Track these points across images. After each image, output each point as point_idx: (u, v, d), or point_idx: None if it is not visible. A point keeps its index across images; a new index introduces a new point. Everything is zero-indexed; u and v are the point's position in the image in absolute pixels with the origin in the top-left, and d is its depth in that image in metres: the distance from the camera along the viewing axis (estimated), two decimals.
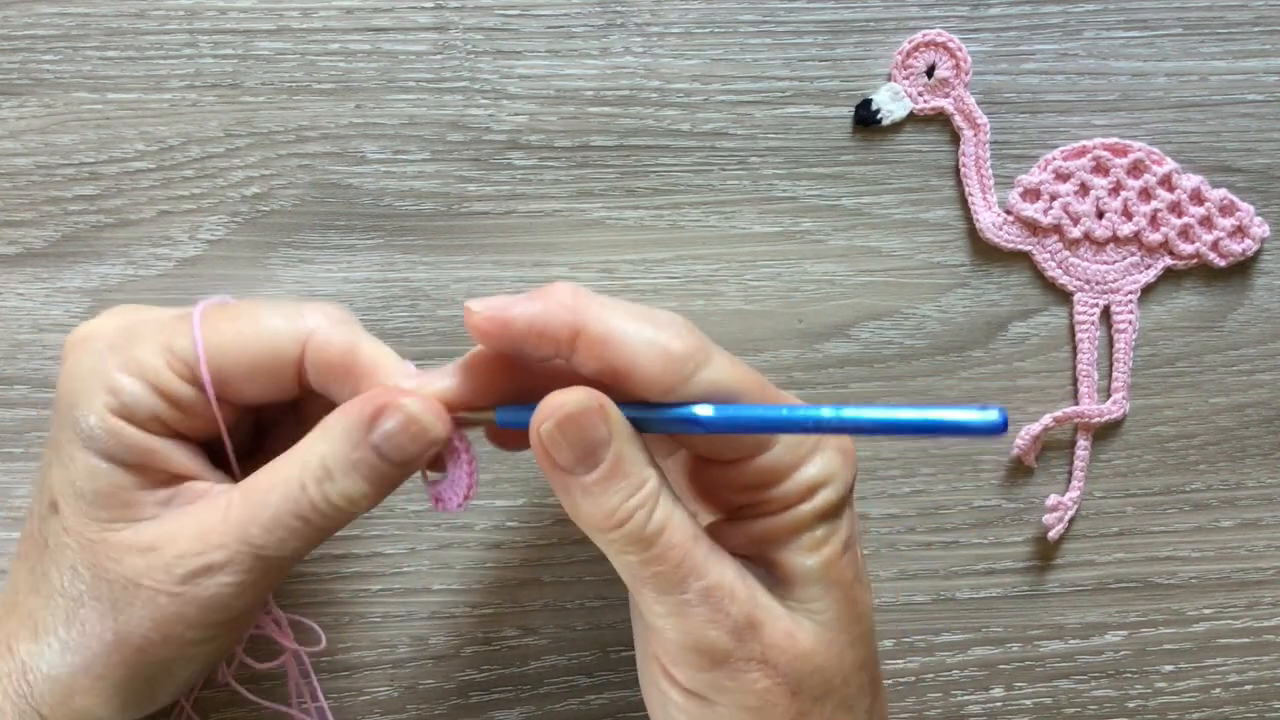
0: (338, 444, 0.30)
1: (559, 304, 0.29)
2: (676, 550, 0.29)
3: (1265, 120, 0.43)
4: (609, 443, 0.29)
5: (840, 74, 0.42)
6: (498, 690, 0.43)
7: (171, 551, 0.30)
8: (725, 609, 0.30)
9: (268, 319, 0.31)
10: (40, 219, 0.41)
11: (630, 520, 0.29)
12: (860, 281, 0.43)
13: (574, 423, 0.29)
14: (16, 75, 0.40)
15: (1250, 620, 0.45)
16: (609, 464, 0.29)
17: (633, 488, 0.29)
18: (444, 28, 0.41)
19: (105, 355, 0.31)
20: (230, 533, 0.30)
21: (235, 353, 0.31)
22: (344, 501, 0.31)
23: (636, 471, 0.29)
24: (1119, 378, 0.43)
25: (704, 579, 0.30)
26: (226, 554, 0.30)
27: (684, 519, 0.30)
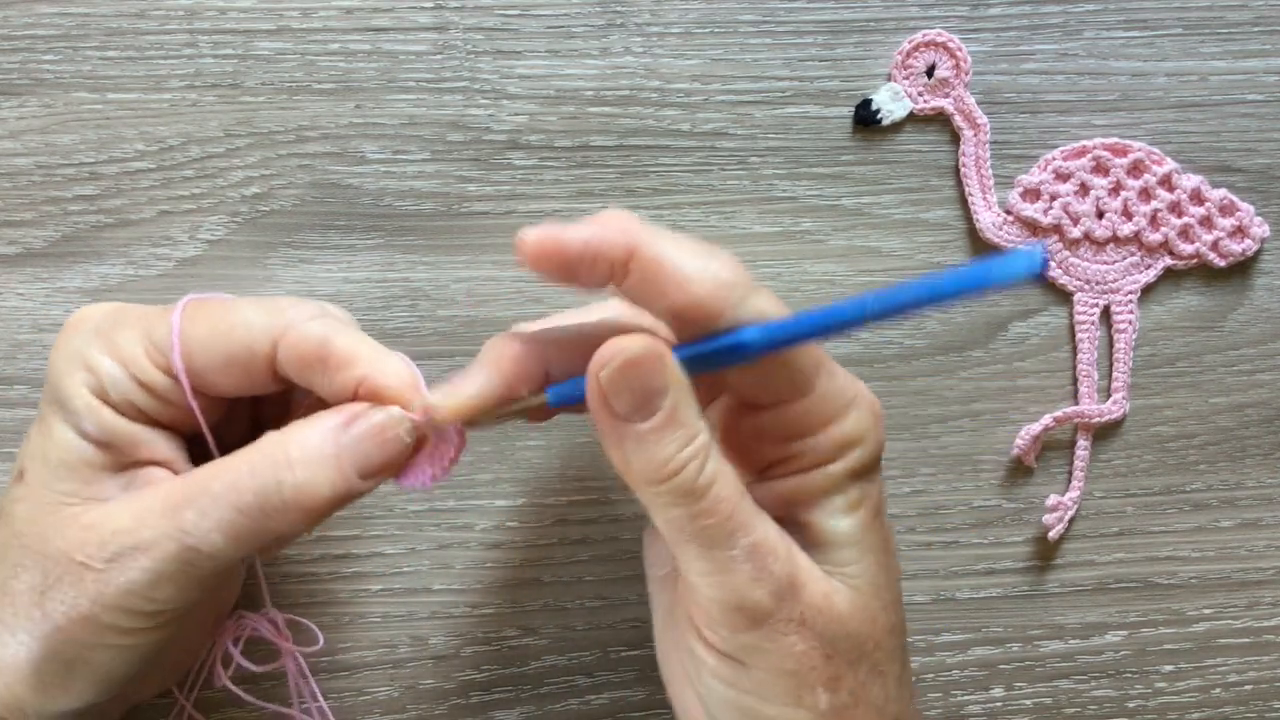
0: (305, 436, 0.30)
1: (613, 228, 0.29)
2: (726, 504, 0.29)
3: (1265, 120, 0.43)
4: (666, 390, 0.29)
5: (840, 74, 0.42)
6: (498, 690, 0.43)
7: (108, 528, 0.30)
8: (770, 567, 0.29)
9: (243, 312, 0.32)
10: (40, 219, 0.41)
11: (683, 471, 0.29)
12: (860, 281, 0.43)
13: (635, 368, 0.28)
14: (16, 75, 0.40)
15: (1250, 620, 0.45)
16: (666, 412, 0.29)
17: (687, 438, 0.29)
18: (444, 28, 0.41)
19: (90, 337, 0.32)
20: (164, 517, 0.30)
21: (209, 344, 0.31)
22: (298, 496, 0.30)
23: (691, 422, 0.29)
24: (1119, 378, 0.43)
25: (751, 535, 0.29)
26: (152, 536, 0.30)
27: (731, 474, 0.30)
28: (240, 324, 0.31)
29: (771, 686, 0.30)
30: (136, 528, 0.30)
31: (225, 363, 0.31)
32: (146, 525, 0.30)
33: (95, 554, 0.30)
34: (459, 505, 0.42)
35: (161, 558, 0.30)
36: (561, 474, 0.42)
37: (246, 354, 0.31)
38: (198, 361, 0.31)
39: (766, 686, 0.30)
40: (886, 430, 0.43)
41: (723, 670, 0.31)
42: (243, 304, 0.32)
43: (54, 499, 0.31)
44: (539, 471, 0.42)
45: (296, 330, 0.31)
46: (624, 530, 0.43)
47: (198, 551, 0.30)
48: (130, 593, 0.30)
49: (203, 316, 0.32)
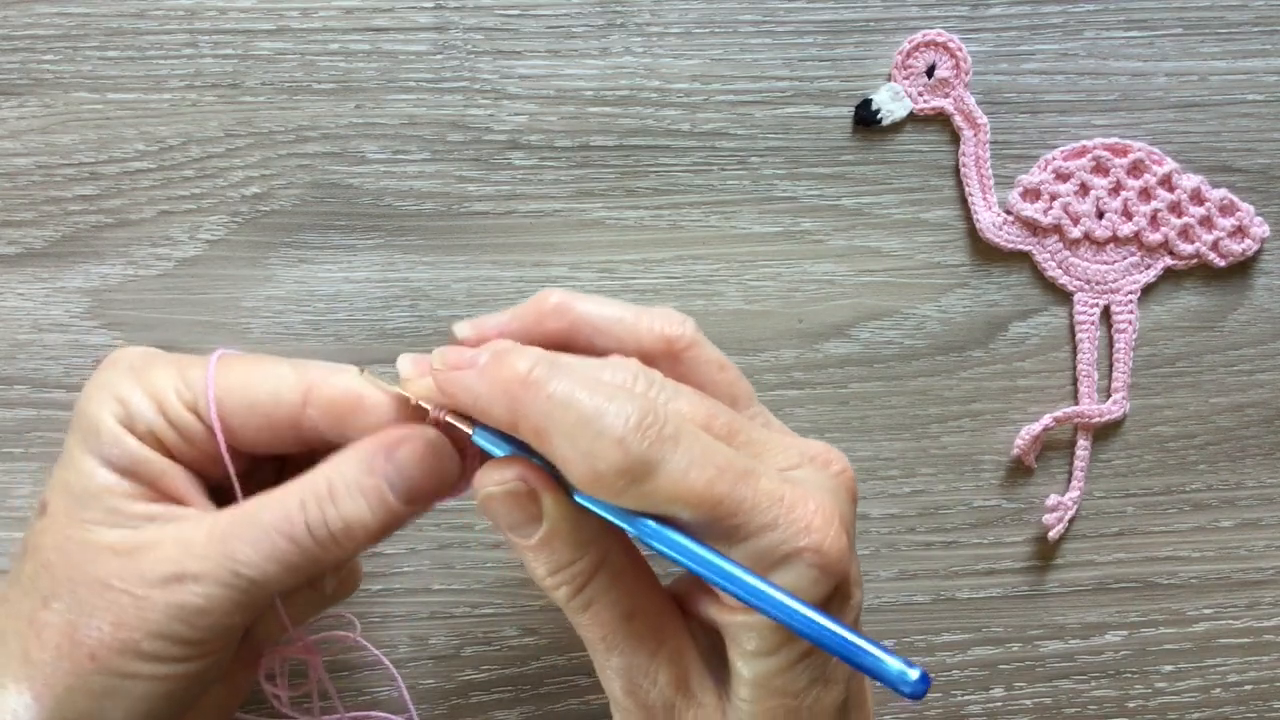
0: (348, 466, 0.30)
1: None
2: (601, 627, 0.30)
3: (1265, 120, 0.43)
4: (538, 522, 0.29)
5: (840, 74, 0.42)
6: (498, 690, 0.43)
7: (151, 556, 0.30)
8: (642, 695, 0.30)
9: (275, 366, 0.32)
10: (40, 219, 0.41)
11: (557, 591, 0.30)
12: (860, 281, 0.43)
13: (499, 502, 0.29)
14: (16, 75, 0.40)
15: (1250, 620, 0.45)
16: (538, 540, 0.29)
17: (556, 565, 0.29)
18: (444, 28, 0.41)
19: (123, 372, 0.32)
20: (213, 545, 0.30)
21: (238, 391, 0.31)
22: (342, 526, 0.30)
23: (565, 552, 0.29)
24: (1119, 378, 0.43)
25: (626, 656, 0.30)
26: (205, 565, 0.30)
27: (617, 599, 0.30)
28: (271, 376, 0.32)
29: None
30: (183, 556, 0.30)
31: (251, 412, 0.31)
32: (194, 554, 0.30)
33: (135, 582, 0.30)
34: (459, 505, 0.42)
35: (212, 583, 0.30)
36: None
37: (272, 404, 0.31)
38: (226, 408, 0.31)
39: None
40: (887, 430, 0.43)
41: None
42: (273, 361, 0.32)
43: (81, 530, 0.31)
44: None
45: (325, 383, 0.31)
46: None
47: (248, 579, 0.30)
48: (177, 618, 0.30)
49: (235, 366, 0.32)
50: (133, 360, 0.32)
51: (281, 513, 0.30)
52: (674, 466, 0.27)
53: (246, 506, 0.31)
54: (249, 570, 0.30)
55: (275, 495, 0.31)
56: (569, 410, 0.27)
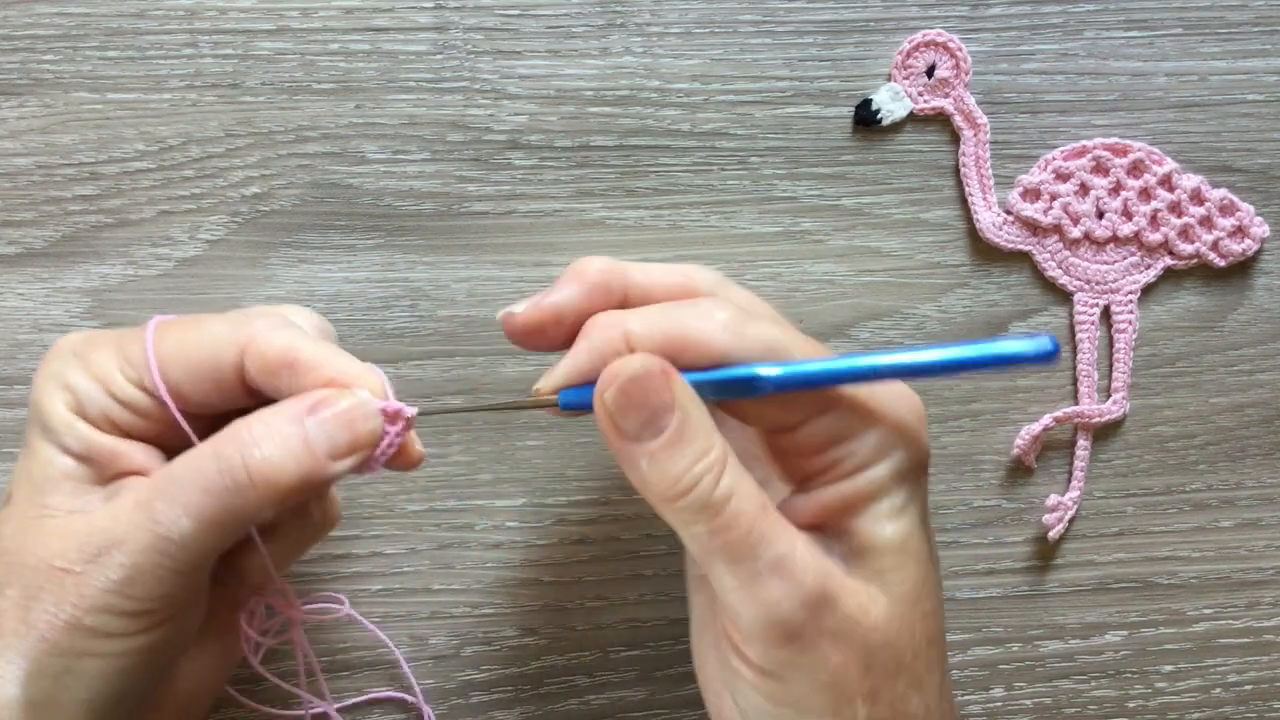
0: (271, 415, 0.30)
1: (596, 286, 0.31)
2: (745, 517, 0.29)
3: (1265, 120, 0.43)
4: (673, 407, 0.29)
5: (840, 74, 0.42)
6: (498, 690, 0.43)
7: (85, 531, 0.30)
8: (798, 579, 0.29)
9: (210, 326, 0.32)
10: (40, 219, 0.41)
11: (697, 486, 0.29)
12: (860, 281, 0.43)
13: (638, 387, 0.29)
14: (16, 75, 0.40)
15: (1250, 620, 0.45)
16: (674, 429, 0.29)
17: (699, 453, 0.29)
18: (444, 28, 0.41)
19: (68, 359, 0.32)
20: (137, 510, 0.30)
21: (178, 358, 0.32)
22: (263, 472, 0.30)
23: (703, 436, 0.29)
24: (1119, 378, 0.43)
25: (775, 548, 0.29)
26: (124, 530, 0.30)
27: (752, 487, 0.30)
28: (207, 337, 0.32)
29: (809, 700, 0.30)
30: (111, 526, 0.30)
31: (194, 375, 0.32)
32: (119, 521, 0.30)
33: (75, 558, 0.30)
34: (459, 505, 0.42)
35: (135, 550, 0.30)
36: (561, 474, 0.42)
37: (213, 365, 0.32)
38: (169, 375, 0.32)
39: (804, 700, 0.30)
40: None
41: (760, 684, 0.31)
42: (209, 318, 0.33)
43: (37, 514, 0.31)
44: (539, 471, 0.42)
45: (261, 338, 0.31)
46: (624, 530, 0.43)
47: (169, 540, 0.30)
48: (109, 590, 0.30)
49: (172, 333, 0.32)
50: (75, 346, 0.33)
51: (196, 465, 0.30)
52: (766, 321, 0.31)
53: (169, 466, 0.31)
54: (168, 529, 0.30)
55: (194, 451, 0.31)
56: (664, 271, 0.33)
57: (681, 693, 0.43)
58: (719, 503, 0.29)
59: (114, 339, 0.33)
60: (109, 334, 0.33)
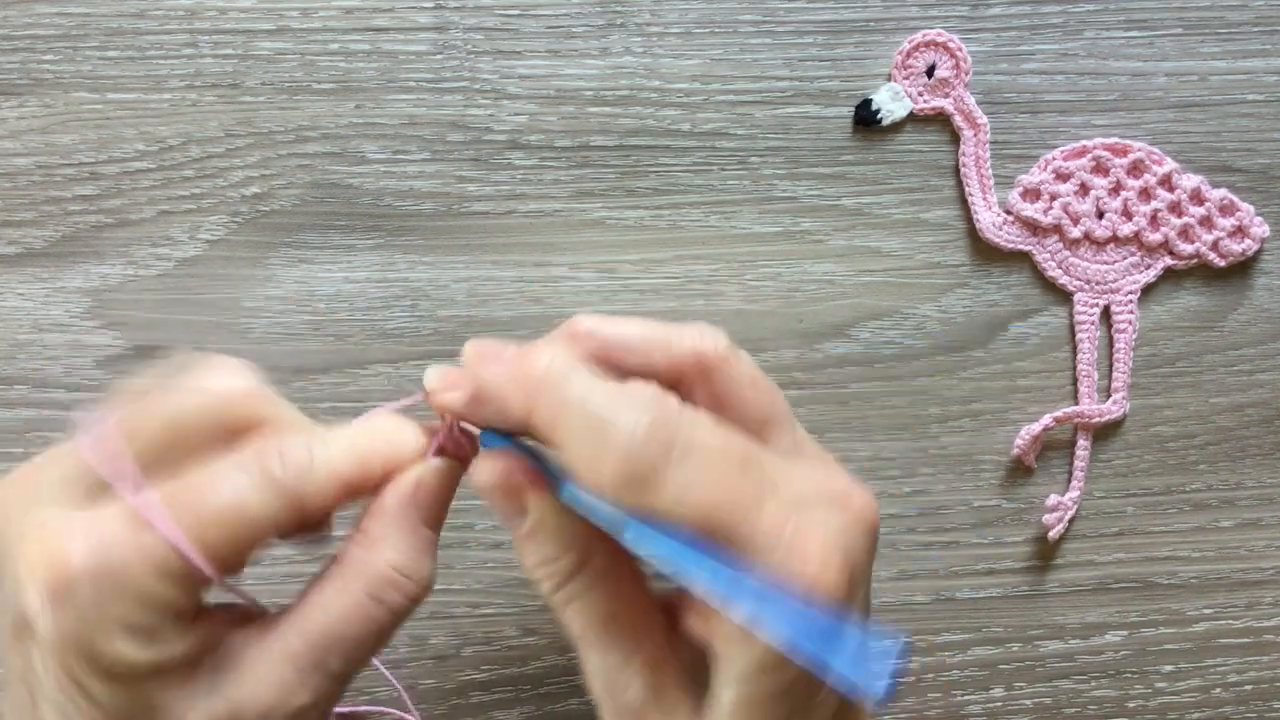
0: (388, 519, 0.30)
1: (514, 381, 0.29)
2: (580, 625, 0.30)
3: (1265, 120, 0.43)
4: (525, 515, 0.30)
5: (840, 74, 0.42)
6: (498, 690, 0.43)
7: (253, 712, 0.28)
8: (617, 696, 0.30)
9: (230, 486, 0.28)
10: (40, 219, 0.41)
11: (541, 583, 0.30)
12: (860, 281, 0.43)
13: (489, 493, 0.30)
14: (16, 75, 0.40)
15: (1250, 620, 0.45)
16: (524, 532, 0.30)
17: (541, 559, 0.30)
18: (444, 28, 0.41)
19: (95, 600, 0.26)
20: (304, 665, 0.29)
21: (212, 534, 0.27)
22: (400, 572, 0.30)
23: (549, 547, 0.29)
24: (1119, 378, 0.43)
25: (601, 656, 0.30)
26: (309, 693, 0.29)
27: (597, 600, 0.29)
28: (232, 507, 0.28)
29: None
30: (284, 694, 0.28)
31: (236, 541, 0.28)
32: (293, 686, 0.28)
33: None
34: (459, 505, 0.42)
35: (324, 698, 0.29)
36: None
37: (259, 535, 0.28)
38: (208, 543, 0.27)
39: None
40: (887, 430, 0.43)
41: None
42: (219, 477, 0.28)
43: None
44: None
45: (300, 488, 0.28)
46: None
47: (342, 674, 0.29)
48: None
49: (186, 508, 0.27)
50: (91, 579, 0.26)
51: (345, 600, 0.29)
52: (676, 482, 0.26)
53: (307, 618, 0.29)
54: (342, 668, 0.29)
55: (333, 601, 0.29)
56: (583, 408, 0.27)
57: None
58: (558, 604, 0.30)
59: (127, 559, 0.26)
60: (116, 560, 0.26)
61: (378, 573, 0.30)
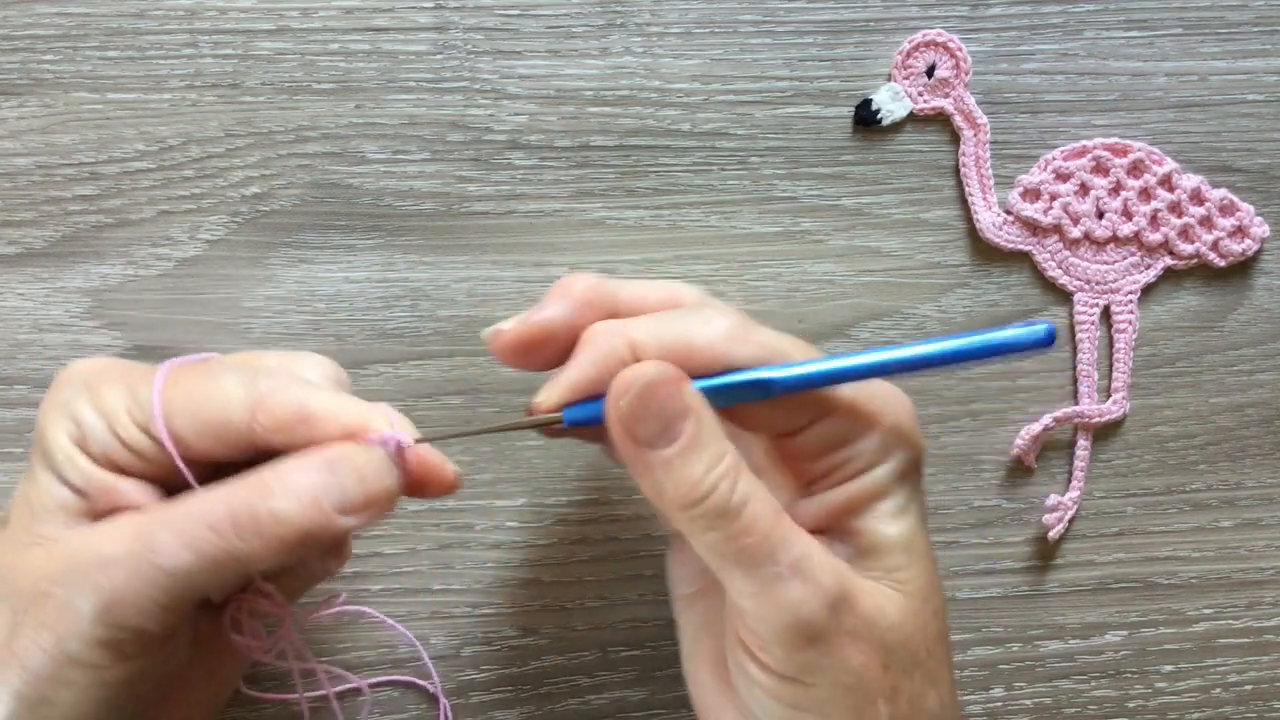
0: (286, 467, 0.30)
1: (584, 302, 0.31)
2: (762, 522, 0.29)
3: (1265, 120, 0.43)
4: (688, 414, 0.29)
5: (840, 74, 0.42)
6: (498, 690, 0.43)
7: (75, 548, 0.30)
8: (819, 580, 0.29)
9: (222, 383, 0.31)
10: (40, 219, 0.41)
11: (715, 492, 0.29)
12: (860, 281, 0.43)
13: (654, 393, 0.29)
14: (16, 75, 0.40)
15: (1250, 620, 0.45)
16: (689, 435, 0.29)
17: (714, 458, 0.29)
18: (444, 28, 0.41)
19: (78, 389, 0.32)
20: (132, 537, 0.29)
21: (186, 410, 0.31)
22: (269, 517, 0.29)
23: (717, 443, 0.29)
24: (1119, 378, 0.43)
25: (793, 550, 0.29)
26: (116, 553, 0.29)
27: (765, 492, 0.30)
28: (217, 394, 0.31)
29: (833, 703, 0.30)
30: (102, 546, 0.29)
31: (201, 429, 0.31)
32: (113, 542, 0.29)
33: (62, 582, 0.29)
34: (459, 505, 0.42)
35: (124, 575, 0.29)
36: (561, 474, 0.42)
37: (221, 421, 0.31)
38: (175, 425, 0.31)
39: (828, 703, 0.30)
40: None
41: (781, 691, 0.30)
42: (222, 373, 0.32)
43: (29, 540, 0.31)
44: (539, 471, 0.42)
45: (270, 399, 0.31)
46: (624, 530, 0.43)
47: (163, 571, 0.29)
48: (98, 618, 0.29)
49: (182, 383, 0.31)
50: (87, 376, 0.32)
51: (206, 503, 0.30)
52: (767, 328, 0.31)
53: (176, 500, 0.30)
54: (165, 558, 0.29)
55: (210, 488, 0.30)
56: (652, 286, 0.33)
57: (682, 693, 0.43)
58: (736, 508, 0.29)
59: (125, 375, 0.32)
60: (121, 368, 0.33)
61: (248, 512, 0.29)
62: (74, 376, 0.32)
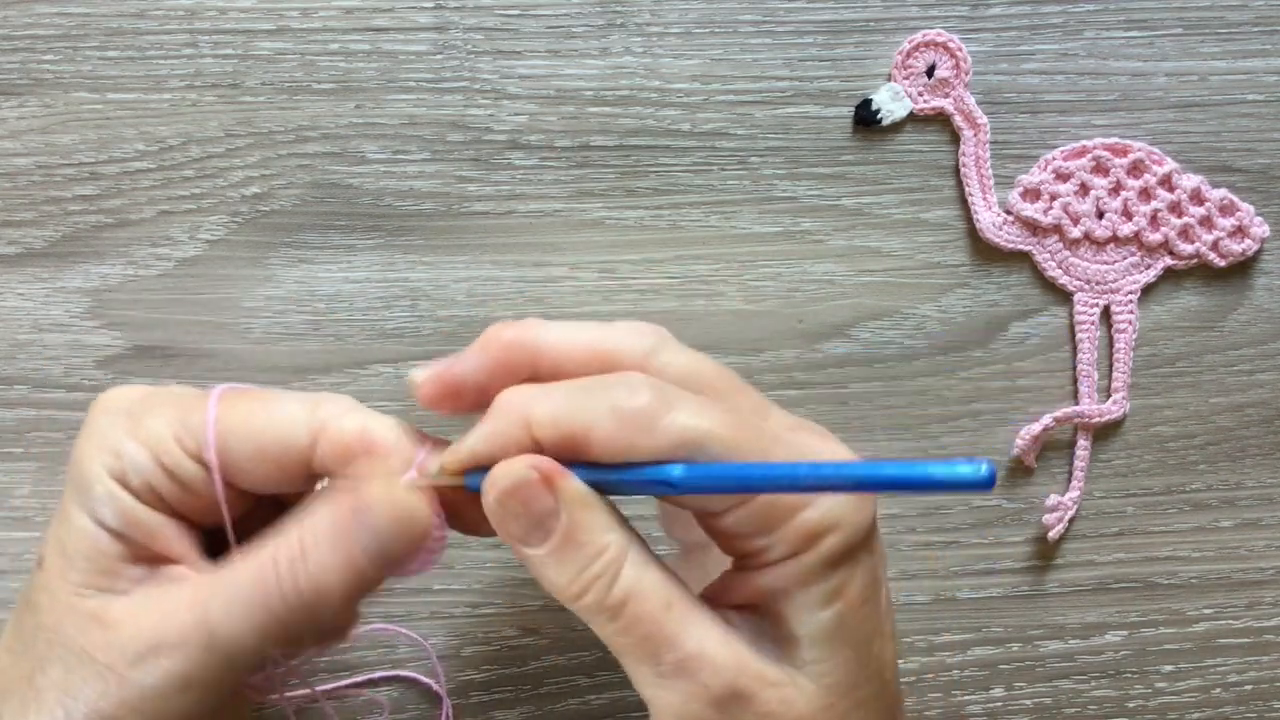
0: (320, 523, 0.29)
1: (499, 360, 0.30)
2: (646, 619, 0.28)
3: (1265, 120, 0.43)
4: (556, 515, 0.28)
5: (840, 74, 0.42)
6: (498, 690, 0.43)
7: (130, 629, 0.29)
8: (704, 681, 0.28)
9: (282, 405, 0.30)
10: (40, 219, 0.41)
11: (589, 591, 0.28)
12: (860, 281, 0.43)
13: (514, 497, 0.28)
14: (16, 75, 0.40)
15: (1250, 620, 0.45)
16: (560, 535, 0.28)
17: (588, 558, 0.28)
18: (444, 28, 0.41)
19: (119, 419, 0.30)
20: (188, 612, 0.28)
21: (244, 434, 0.30)
22: (313, 588, 0.28)
23: (593, 540, 0.28)
24: (1119, 378, 0.43)
25: (679, 649, 0.28)
26: (179, 634, 0.28)
27: (656, 584, 0.29)
28: (278, 416, 0.30)
29: None
30: (160, 626, 0.29)
31: (259, 455, 0.30)
32: (173, 625, 0.28)
33: (117, 657, 0.28)
34: None
35: (189, 659, 0.28)
36: None
37: (282, 448, 0.30)
38: (232, 452, 0.30)
39: None
40: (887, 430, 0.43)
41: None
42: (279, 395, 0.31)
43: (70, 590, 0.29)
44: None
45: (336, 423, 0.30)
46: None
47: (226, 652, 0.28)
48: (156, 697, 0.28)
49: (240, 406, 0.30)
50: (129, 404, 0.31)
51: (258, 574, 0.29)
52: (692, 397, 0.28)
53: (225, 570, 0.29)
54: (226, 640, 0.28)
55: (252, 554, 0.29)
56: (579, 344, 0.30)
57: None
58: (613, 608, 0.28)
59: (175, 401, 0.31)
60: (167, 394, 0.31)
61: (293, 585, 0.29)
62: (112, 405, 0.31)
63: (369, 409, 0.31)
